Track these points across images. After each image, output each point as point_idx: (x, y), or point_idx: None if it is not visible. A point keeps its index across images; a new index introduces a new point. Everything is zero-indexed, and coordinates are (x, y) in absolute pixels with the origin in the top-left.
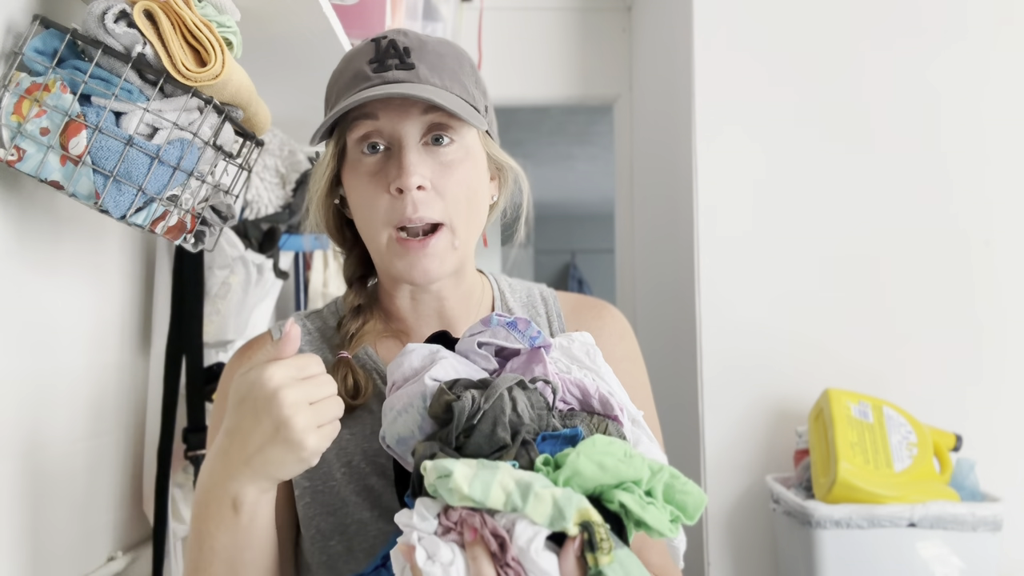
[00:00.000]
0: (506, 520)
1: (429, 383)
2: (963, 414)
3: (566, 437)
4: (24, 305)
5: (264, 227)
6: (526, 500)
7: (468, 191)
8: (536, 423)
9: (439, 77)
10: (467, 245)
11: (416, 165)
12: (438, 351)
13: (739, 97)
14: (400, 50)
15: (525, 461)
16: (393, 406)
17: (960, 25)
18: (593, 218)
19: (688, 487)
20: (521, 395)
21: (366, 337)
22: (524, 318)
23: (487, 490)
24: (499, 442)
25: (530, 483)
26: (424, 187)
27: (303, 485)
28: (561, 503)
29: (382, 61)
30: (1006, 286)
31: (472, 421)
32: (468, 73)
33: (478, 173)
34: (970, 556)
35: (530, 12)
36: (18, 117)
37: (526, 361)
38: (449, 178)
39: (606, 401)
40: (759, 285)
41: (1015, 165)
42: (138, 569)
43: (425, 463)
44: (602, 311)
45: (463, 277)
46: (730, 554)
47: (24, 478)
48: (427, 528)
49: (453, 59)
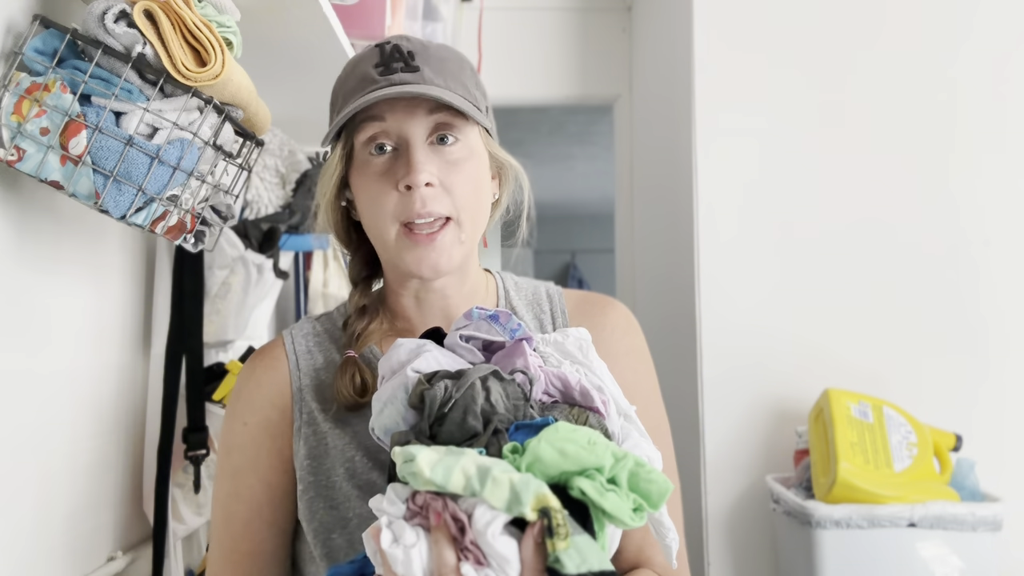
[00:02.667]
0: (467, 505)
1: (411, 375)
2: (963, 414)
3: (538, 426)
4: (24, 305)
5: (264, 227)
6: (484, 484)
7: (474, 188)
8: (511, 413)
9: (443, 79)
10: (472, 240)
11: (424, 163)
12: (424, 344)
13: (739, 97)
14: (405, 54)
15: (495, 449)
16: (379, 398)
17: (961, 26)
18: (593, 218)
19: (653, 475)
20: (496, 385)
21: (371, 336)
22: (506, 311)
23: (448, 475)
24: (470, 430)
25: (489, 468)
26: (432, 184)
27: (307, 480)
28: (518, 488)
29: (387, 64)
30: (1006, 286)
31: (443, 409)
32: (469, 76)
33: (482, 171)
34: (970, 556)
35: (530, 12)
36: (18, 117)
37: (506, 353)
38: (456, 175)
39: (587, 393)
40: (759, 285)
41: (1015, 165)
42: (138, 569)
43: (395, 449)
44: (606, 307)
45: (467, 275)
46: (730, 554)
47: (24, 478)
48: (396, 512)
49: (455, 63)
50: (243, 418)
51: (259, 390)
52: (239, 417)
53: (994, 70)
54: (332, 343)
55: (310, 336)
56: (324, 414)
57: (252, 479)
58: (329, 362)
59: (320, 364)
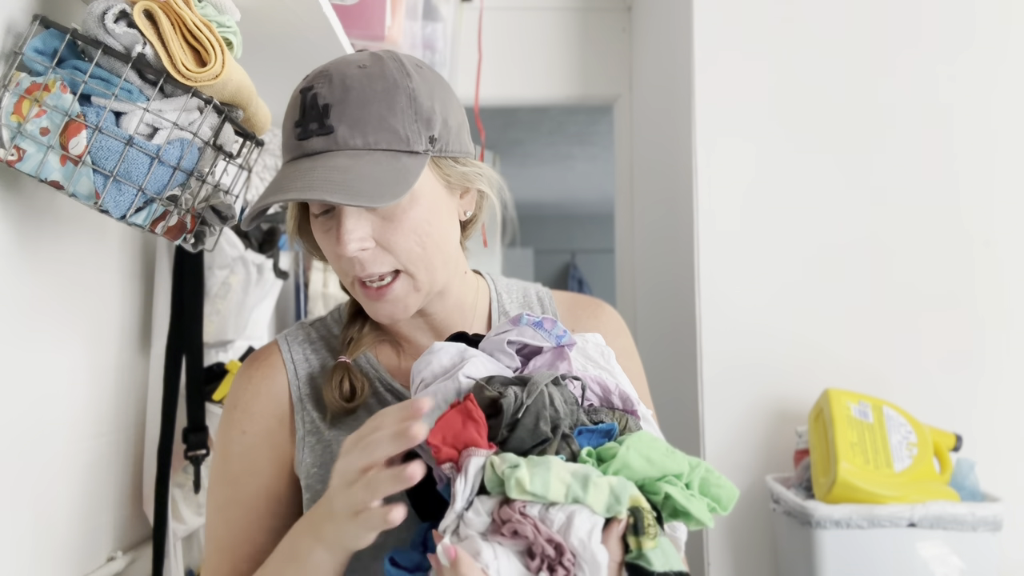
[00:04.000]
0: (564, 513)
1: (464, 380)
2: (963, 414)
3: (602, 431)
4: (24, 305)
5: (264, 227)
6: (586, 489)
7: (419, 236)
8: (569, 418)
9: (361, 134)
10: (432, 283)
11: (352, 231)
12: (466, 350)
13: (739, 97)
14: (320, 110)
15: (568, 454)
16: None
17: (962, 28)
18: (593, 218)
19: (722, 481)
20: (556, 391)
21: (365, 342)
22: (550, 318)
23: (547, 484)
24: (541, 436)
25: (587, 474)
26: (367, 247)
27: (315, 488)
28: (617, 490)
29: (304, 126)
30: (1006, 286)
31: (516, 416)
32: (402, 109)
33: (431, 211)
34: (970, 556)
35: (530, 12)
36: (18, 117)
37: (551, 359)
38: (393, 232)
39: (626, 398)
40: (759, 285)
41: (1016, 165)
42: (138, 569)
43: (492, 457)
44: (597, 309)
45: (447, 295)
46: (730, 554)
47: (24, 478)
48: (480, 525)
49: (381, 101)
50: (241, 427)
51: (257, 399)
52: (237, 426)
53: (994, 71)
54: (327, 349)
55: (305, 343)
56: (325, 422)
57: (253, 486)
58: (326, 369)
59: (317, 371)
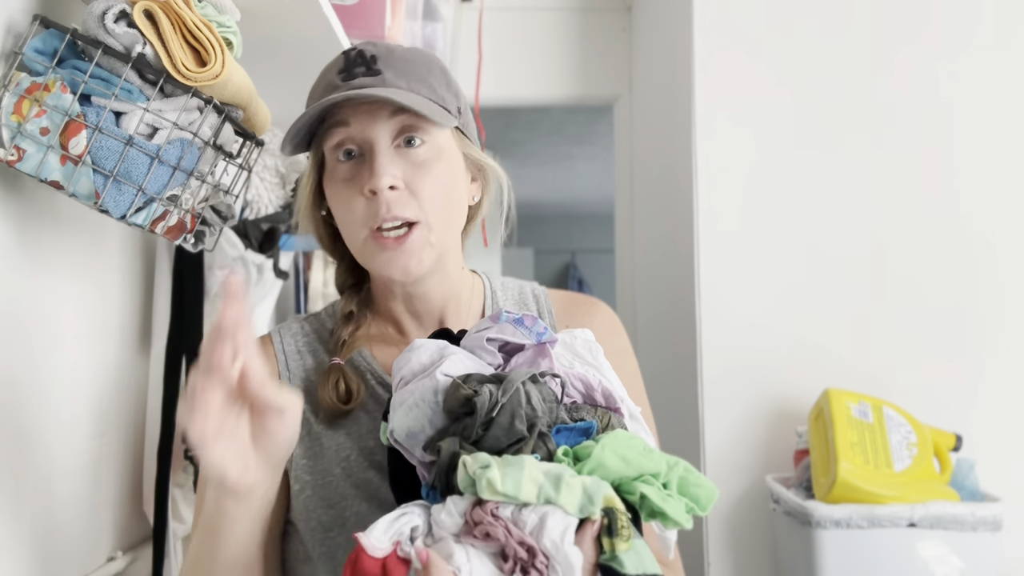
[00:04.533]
0: (536, 514)
1: (441, 378)
2: (963, 414)
3: (580, 429)
4: (24, 305)
5: (264, 227)
6: (558, 490)
7: (443, 190)
8: (548, 416)
9: (406, 80)
10: (444, 242)
11: (387, 167)
12: (445, 347)
13: (739, 97)
14: (367, 58)
15: (544, 453)
16: (404, 401)
17: (963, 27)
18: (593, 218)
19: (701, 480)
20: (534, 389)
21: (360, 341)
22: (531, 315)
23: (518, 485)
24: (517, 434)
25: (560, 473)
26: (397, 187)
27: (304, 480)
28: (590, 490)
29: (350, 70)
30: (1006, 286)
31: (491, 415)
32: (437, 76)
33: (453, 173)
34: (970, 556)
35: (530, 12)
36: (18, 117)
37: (532, 356)
38: (423, 178)
39: (609, 394)
40: (759, 285)
41: (1016, 165)
42: (138, 569)
43: (464, 457)
44: (592, 307)
45: (446, 275)
46: (730, 554)
47: (24, 478)
48: (452, 526)
49: (421, 63)
50: None
51: None
52: None
53: (994, 70)
54: (321, 345)
55: (299, 336)
56: (315, 416)
57: None
58: (319, 364)
59: (310, 366)
